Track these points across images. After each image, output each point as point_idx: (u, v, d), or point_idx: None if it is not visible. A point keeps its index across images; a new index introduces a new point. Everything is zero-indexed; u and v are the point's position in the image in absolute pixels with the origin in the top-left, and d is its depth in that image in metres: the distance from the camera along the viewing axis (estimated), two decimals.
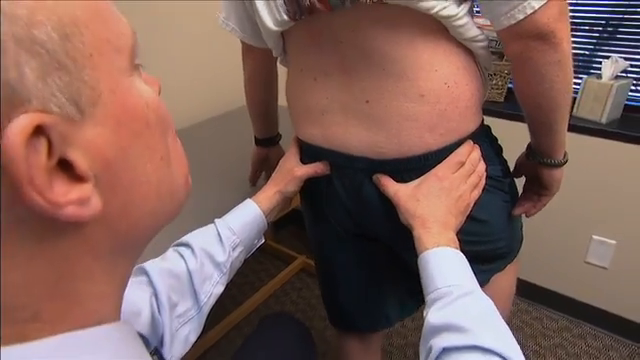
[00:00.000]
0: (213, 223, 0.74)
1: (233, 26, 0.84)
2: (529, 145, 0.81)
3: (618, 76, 1.45)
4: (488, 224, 0.77)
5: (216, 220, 0.75)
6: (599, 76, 1.47)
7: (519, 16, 0.57)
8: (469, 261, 0.63)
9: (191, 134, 1.57)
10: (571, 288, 1.73)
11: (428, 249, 0.63)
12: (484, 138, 0.76)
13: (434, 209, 0.67)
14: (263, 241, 0.82)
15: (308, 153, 0.82)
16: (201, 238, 0.71)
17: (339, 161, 0.76)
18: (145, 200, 0.32)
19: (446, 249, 0.62)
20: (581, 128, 1.49)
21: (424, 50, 0.64)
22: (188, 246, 0.69)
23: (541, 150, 0.78)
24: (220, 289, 0.70)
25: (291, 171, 0.81)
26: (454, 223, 0.68)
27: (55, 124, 0.24)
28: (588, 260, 1.64)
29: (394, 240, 0.82)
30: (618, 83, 1.42)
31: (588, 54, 1.58)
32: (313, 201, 0.89)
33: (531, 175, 0.84)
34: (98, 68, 0.27)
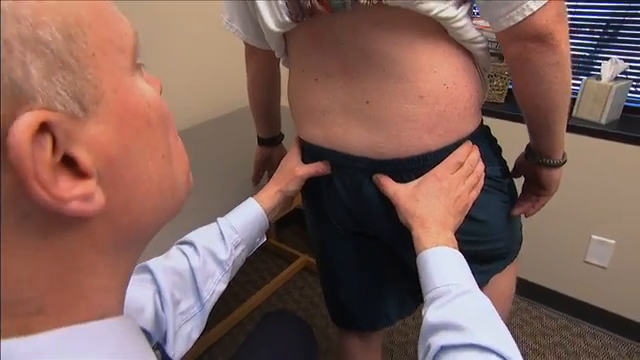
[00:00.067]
0: (215, 222, 0.74)
1: (237, 28, 0.84)
2: (528, 145, 0.81)
3: (618, 77, 1.45)
4: (487, 224, 0.77)
5: (218, 219, 0.75)
6: (599, 77, 1.46)
7: (518, 18, 0.58)
8: (468, 261, 0.63)
9: (195, 134, 1.57)
10: (570, 287, 1.72)
11: (427, 248, 0.63)
12: (483, 139, 0.76)
13: (433, 209, 0.67)
14: (265, 240, 0.82)
15: (309, 153, 0.82)
16: (204, 236, 0.71)
17: (340, 161, 0.77)
18: (147, 196, 0.32)
19: (444, 249, 0.63)
20: (581, 129, 1.49)
21: (424, 51, 0.65)
22: (191, 244, 0.70)
23: (540, 150, 0.78)
24: (222, 287, 0.71)
25: (292, 170, 0.82)
26: (452, 223, 0.68)
27: (60, 121, 0.24)
28: (587, 260, 1.64)
29: (393, 239, 0.82)
30: (617, 84, 1.42)
31: (588, 56, 1.58)
32: (314, 200, 0.89)
33: (530, 175, 0.84)
34: (101, 67, 0.27)
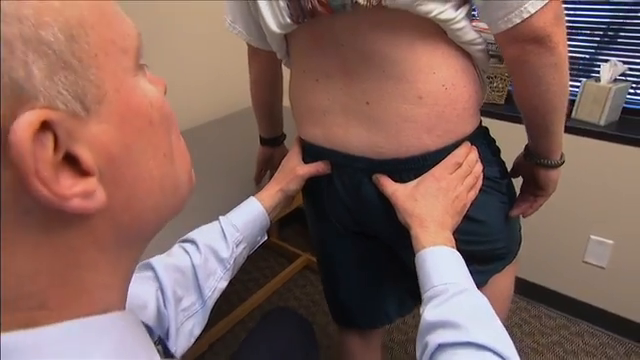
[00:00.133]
0: (217, 220, 0.75)
1: (240, 29, 0.84)
2: (527, 146, 0.81)
3: (617, 79, 1.45)
4: (485, 224, 0.77)
5: (220, 217, 0.75)
6: (598, 79, 1.46)
7: (516, 20, 0.58)
8: (467, 261, 0.63)
9: (198, 134, 1.57)
10: (569, 287, 1.72)
11: (425, 248, 0.63)
12: (482, 140, 0.76)
13: (431, 209, 0.67)
14: (266, 238, 0.82)
15: (310, 153, 0.82)
16: (205, 235, 0.72)
17: (340, 160, 0.77)
18: (148, 194, 0.32)
19: (443, 248, 0.63)
20: (580, 130, 1.49)
21: (423, 53, 0.65)
22: (193, 242, 0.70)
23: (538, 151, 0.77)
24: (224, 284, 0.71)
25: (293, 170, 0.82)
26: (451, 223, 0.68)
27: (61, 120, 0.25)
28: (586, 260, 1.64)
29: (392, 239, 0.82)
30: (616, 86, 1.41)
31: (588, 58, 1.57)
32: (314, 200, 0.89)
33: (528, 176, 0.83)
34: (103, 68, 0.27)
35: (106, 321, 0.30)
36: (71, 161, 0.26)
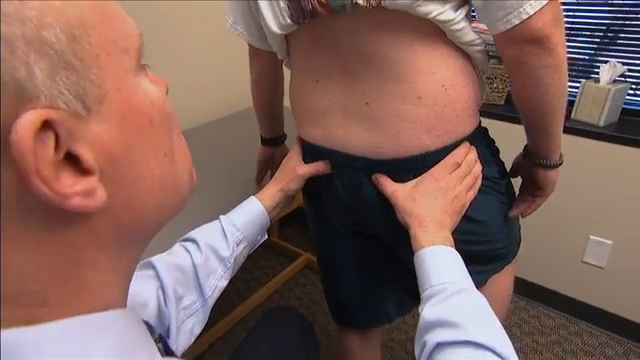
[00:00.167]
0: (218, 220, 0.75)
1: (241, 30, 0.84)
2: (526, 146, 0.81)
3: (616, 80, 1.45)
4: (484, 224, 0.77)
5: (221, 217, 0.75)
6: (597, 80, 1.46)
7: (515, 21, 0.58)
8: (466, 261, 0.63)
9: (200, 134, 1.58)
10: (568, 287, 1.72)
11: (424, 247, 0.63)
12: (481, 140, 0.76)
13: (430, 208, 0.67)
14: (266, 237, 0.82)
15: (310, 153, 0.82)
16: (206, 234, 0.72)
17: (340, 160, 0.77)
18: (149, 194, 0.32)
19: (441, 247, 0.63)
20: (579, 131, 1.49)
21: (422, 53, 0.65)
22: (194, 241, 0.70)
23: (537, 151, 0.77)
24: (224, 283, 0.71)
25: (294, 169, 0.82)
26: (449, 222, 0.68)
27: (62, 120, 0.25)
28: (585, 260, 1.64)
29: (392, 238, 0.82)
30: (616, 87, 1.41)
31: (588, 59, 1.57)
32: (315, 200, 0.90)
33: (527, 176, 0.83)
34: (105, 68, 0.28)
35: (107, 318, 0.30)
36: (72, 160, 0.26)
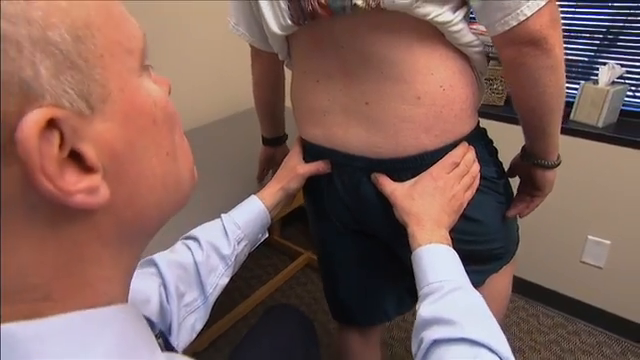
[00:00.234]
0: (219, 218, 0.75)
1: (243, 31, 0.85)
2: (524, 147, 0.81)
3: (615, 82, 1.44)
4: (482, 224, 0.77)
5: (222, 215, 0.76)
6: (596, 82, 1.46)
7: (512, 23, 0.58)
8: (464, 261, 0.63)
9: (202, 134, 1.58)
10: (567, 286, 1.72)
11: (421, 245, 0.63)
12: (479, 140, 0.76)
13: (428, 207, 0.68)
14: (267, 235, 0.83)
15: (311, 152, 0.82)
16: (208, 232, 0.72)
17: (339, 160, 0.77)
18: (151, 191, 0.32)
19: (439, 246, 0.63)
20: (578, 132, 1.49)
21: (421, 54, 0.65)
22: (195, 239, 0.70)
23: (535, 152, 0.77)
24: (225, 280, 0.71)
25: (294, 169, 0.82)
26: (447, 221, 0.68)
27: (67, 118, 0.25)
28: (583, 260, 1.64)
29: (391, 237, 0.82)
30: (614, 89, 1.41)
31: (588, 60, 1.57)
32: (315, 199, 0.90)
33: (525, 176, 0.84)
34: (109, 68, 0.28)
35: (108, 313, 0.31)
36: (76, 158, 0.26)
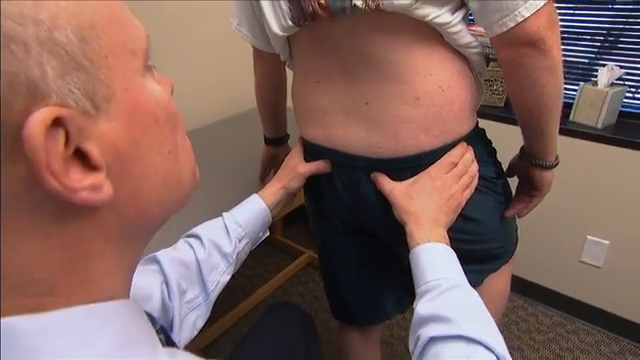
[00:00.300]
0: (221, 216, 0.76)
1: (245, 32, 0.85)
2: (522, 147, 0.81)
3: (614, 83, 1.44)
4: (480, 223, 0.77)
5: (224, 214, 0.76)
6: (595, 83, 1.46)
7: (510, 24, 0.58)
8: (463, 260, 0.63)
9: (205, 134, 1.59)
10: (566, 286, 1.72)
11: (419, 244, 0.63)
12: (478, 140, 0.76)
13: (426, 207, 0.68)
14: (268, 234, 0.83)
15: (311, 152, 0.83)
16: (209, 230, 0.73)
17: (339, 159, 0.77)
18: (153, 189, 0.33)
19: (436, 245, 0.63)
20: (577, 133, 1.49)
21: (420, 55, 0.65)
22: (197, 237, 0.71)
23: (533, 152, 0.78)
24: (226, 278, 0.72)
25: (295, 168, 0.83)
26: (445, 220, 0.68)
27: (72, 117, 0.26)
28: (582, 259, 1.63)
29: (390, 236, 0.82)
30: (613, 90, 1.41)
31: (588, 62, 1.57)
32: (316, 199, 0.90)
33: (523, 176, 0.84)
34: (113, 68, 0.28)
35: (110, 308, 0.31)
36: (81, 156, 0.27)
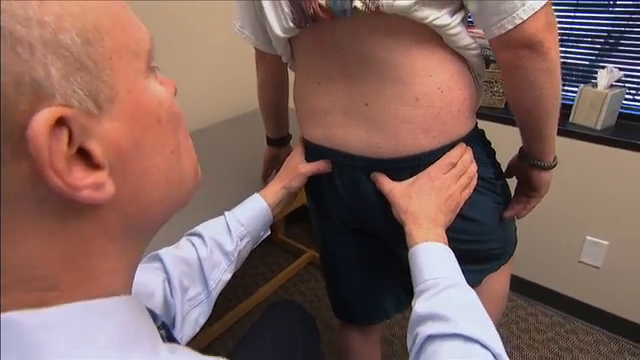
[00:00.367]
0: (223, 215, 0.76)
1: (248, 34, 0.86)
2: (521, 148, 0.81)
3: (613, 85, 1.44)
4: (479, 223, 0.77)
5: (226, 212, 0.76)
6: (595, 85, 1.46)
7: (508, 26, 0.58)
8: (462, 260, 0.63)
9: (208, 134, 1.59)
10: (565, 286, 1.72)
11: (418, 243, 0.64)
12: (477, 141, 0.76)
13: (425, 206, 0.68)
14: (269, 233, 0.83)
15: (312, 152, 0.83)
16: (211, 229, 0.73)
17: (340, 159, 0.78)
18: (155, 187, 0.33)
19: (435, 244, 0.63)
20: (577, 134, 1.48)
21: (419, 57, 0.65)
22: (199, 236, 0.71)
23: (532, 153, 0.78)
24: (228, 276, 0.72)
25: (296, 168, 0.83)
26: (443, 220, 0.68)
27: (75, 117, 0.26)
28: (582, 260, 1.63)
29: (389, 236, 0.83)
30: (612, 92, 1.41)
31: (588, 64, 1.56)
32: (317, 199, 0.90)
33: (522, 177, 0.84)
34: (117, 70, 0.29)
35: (111, 304, 0.31)
36: (84, 155, 0.27)
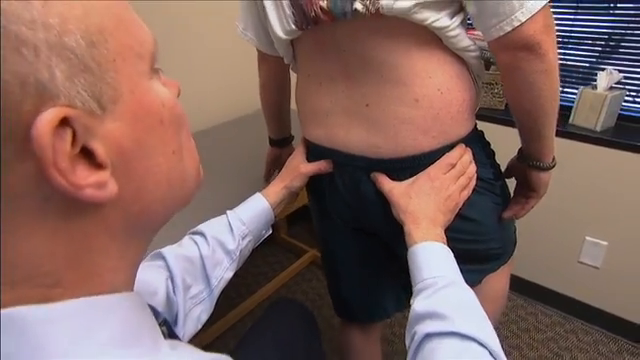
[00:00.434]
0: (225, 214, 0.76)
1: (250, 36, 0.86)
2: (520, 149, 0.81)
3: (613, 87, 1.44)
4: (478, 223, 0.77)
5: (228, 212, 0.76)
6: (595, 87, 1.45)
7: (507, 28, 0.58)
8: (462, 260, 0.63)
9: (211, 135, 1.60)
10: (565, 286, 1.71)
11: (417, 243, 0.64)
12: (477, 142, 0.77)
13: (424, 206, 0.68)
14: (270, 232, 0.84)
15: (314, 152, 0.83)
16: (214, 227, 0.73)
17: (341, 159, 0.78)
18: (157, 187, 0.33)
19: (434, 244, 0.63)
20: (577, 135, 1.48)
21: (419, 59, 0.66)
22: (202, 234, 0.72)
23: (530, 154, 0.78)
24: (230, 274, 0.72)
25: (297, 168, 0.83)
26: (442, 220, 0.68)
27: (79, 117, 0.26)
28: (581, 260, 1.63)
29: (389, 235, 0.83)
30: (612, 94, 1.41)
31: (588, 66, 1.56)
32: (318, 198, 0.91)
33: (521, 177, 0.84)
34: (120, 71, 0.29)
35: (112, 300, 0.32)
36: (87, 154, 0.27)
